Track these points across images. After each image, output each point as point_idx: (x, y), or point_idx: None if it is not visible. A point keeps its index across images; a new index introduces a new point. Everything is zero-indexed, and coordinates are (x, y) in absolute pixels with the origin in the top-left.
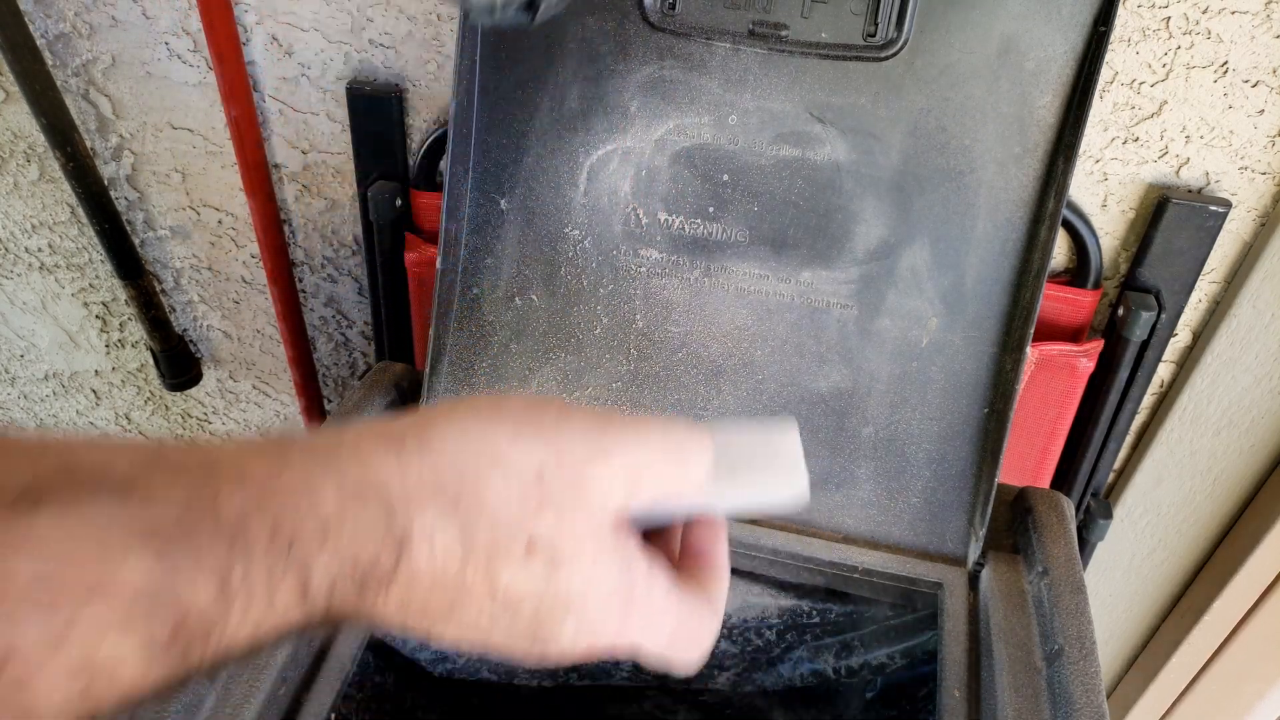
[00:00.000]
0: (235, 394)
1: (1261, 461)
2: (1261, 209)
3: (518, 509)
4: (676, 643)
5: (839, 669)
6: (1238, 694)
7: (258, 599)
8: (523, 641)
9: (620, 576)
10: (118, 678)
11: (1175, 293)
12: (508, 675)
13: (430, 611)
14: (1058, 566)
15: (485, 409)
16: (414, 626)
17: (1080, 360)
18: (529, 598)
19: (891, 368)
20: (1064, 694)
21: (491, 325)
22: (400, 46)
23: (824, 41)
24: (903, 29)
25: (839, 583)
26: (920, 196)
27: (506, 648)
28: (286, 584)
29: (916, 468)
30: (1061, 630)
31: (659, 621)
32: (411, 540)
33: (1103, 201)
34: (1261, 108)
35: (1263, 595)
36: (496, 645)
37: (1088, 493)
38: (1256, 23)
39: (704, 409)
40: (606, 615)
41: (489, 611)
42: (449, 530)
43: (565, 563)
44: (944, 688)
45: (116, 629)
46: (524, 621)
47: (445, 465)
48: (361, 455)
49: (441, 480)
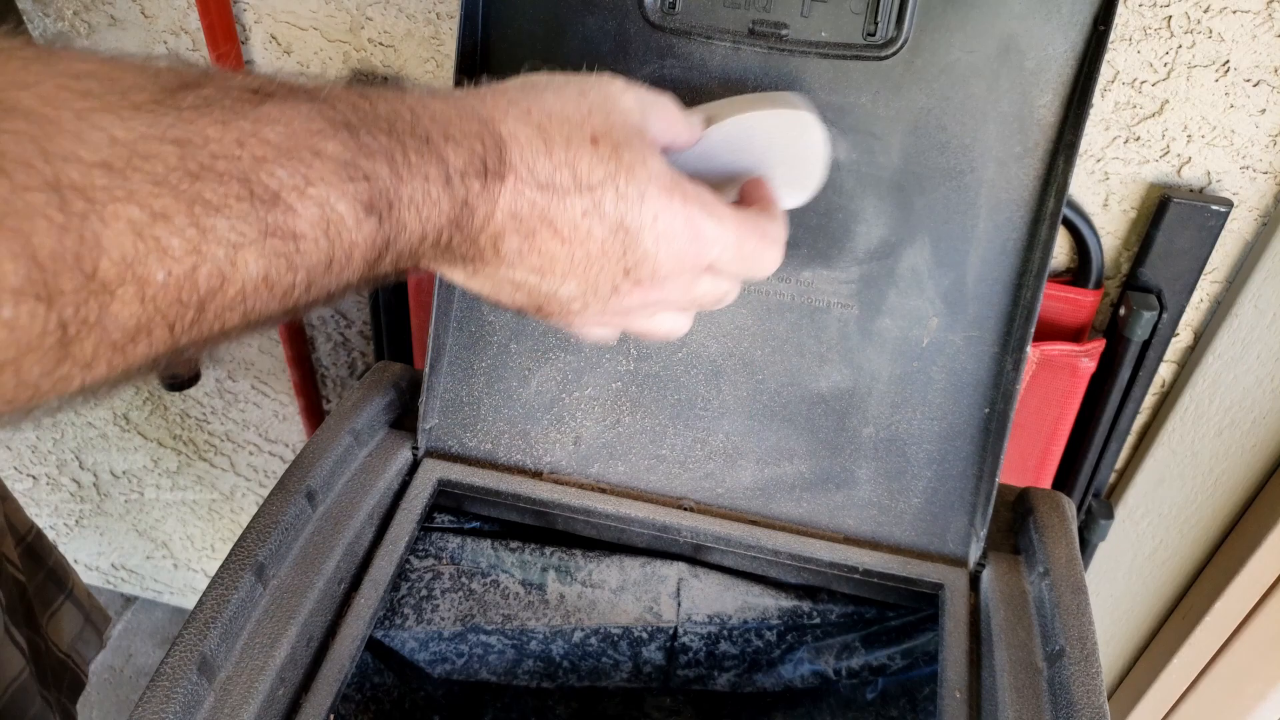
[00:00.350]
0: (234, 394)
1: (1263, 462)
2: (1263, 208)
3: (574, 113)
4: (745, 244)
5: (839, 670)
6: (1240, 694)
7: (417, 179)
8: (615, 254)
9: (668, 169)
10: (342, 235)
11: (1177, 292)
12: (507, 676)
13: (534, 215)
14: (1059, 567)
15: (527, 74)
16: (526, 257)
17: (1082, 360)
18: (607, 185)
19: (892, 367)
20: (1065, 695)
21: (491, 325)
22: (399, 45)
23: (824, 40)
24: (903, 28)
25: (839, 583)
26: (921, 196)
27: (608, 276)
28: (433, 171)
29: (917, 468)
30: (1063, 631)
31: (721, 220)
32: (505, 142)
33: (1104, 201)
34: (1263, 107)
35: (1265, 595)
36: (596, 272)
37: (1089, 493)
38: (1258, 22)
39: (704, 408)
40: (673, 205)
41: (579, 208)
42: (530, 133)
43: (623, 150)
44: (945, 688)
45: (335, 187)
46: (609, 220)
47: (514, 94)
48: (446, 94)
49: (513, 101)
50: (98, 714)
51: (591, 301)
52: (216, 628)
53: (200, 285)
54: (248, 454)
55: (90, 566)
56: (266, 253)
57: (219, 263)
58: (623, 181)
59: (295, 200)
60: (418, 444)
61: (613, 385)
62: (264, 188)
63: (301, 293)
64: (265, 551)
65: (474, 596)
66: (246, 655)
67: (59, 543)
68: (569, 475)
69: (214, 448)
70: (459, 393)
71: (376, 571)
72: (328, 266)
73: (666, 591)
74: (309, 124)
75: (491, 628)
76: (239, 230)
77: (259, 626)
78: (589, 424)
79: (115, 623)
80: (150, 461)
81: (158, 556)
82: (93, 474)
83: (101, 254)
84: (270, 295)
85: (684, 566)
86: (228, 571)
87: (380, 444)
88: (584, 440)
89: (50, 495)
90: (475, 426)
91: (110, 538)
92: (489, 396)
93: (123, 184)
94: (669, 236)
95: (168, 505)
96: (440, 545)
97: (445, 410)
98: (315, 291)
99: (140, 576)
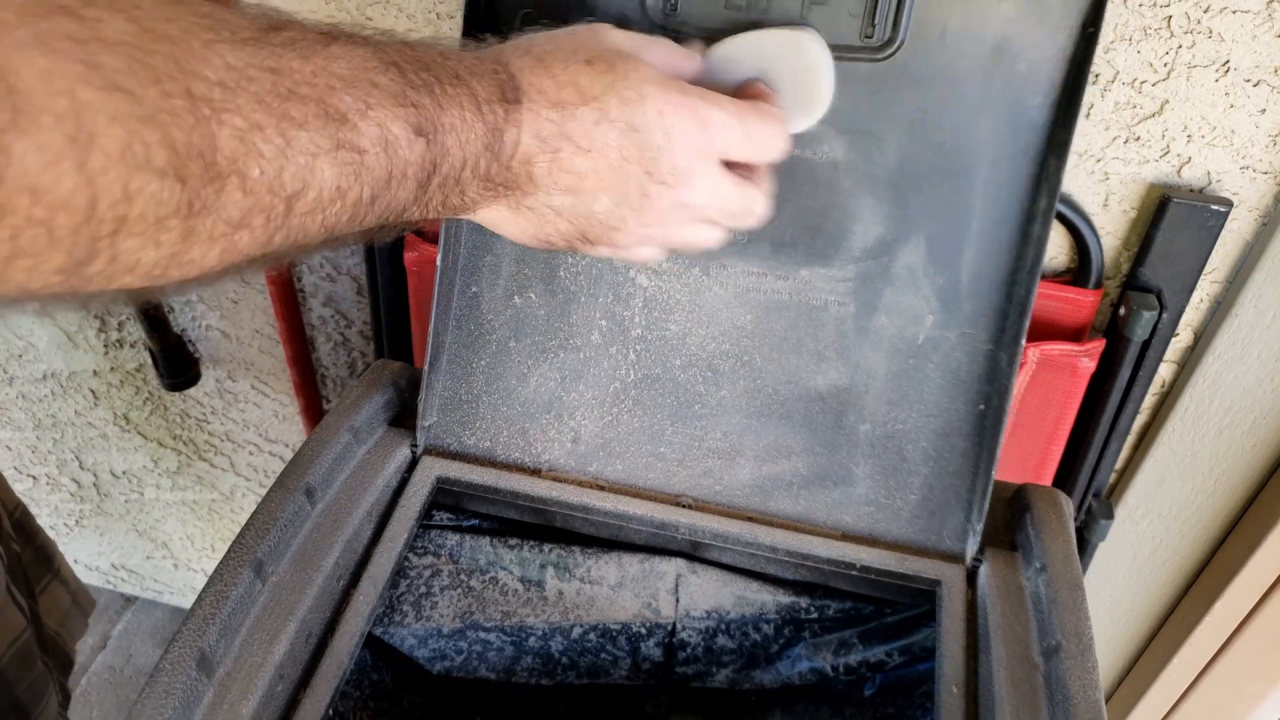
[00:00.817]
0: (234, 394)
1: (1263, 462)
2: (1263, 208)
3: (567, 44)
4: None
5: (837, 666)
6: (1240, 694)
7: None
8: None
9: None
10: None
11: (1177, 292)
12: (506, 672)
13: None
14: (1056, 563)
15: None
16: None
17: (1082, 360)
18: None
19: (888, 365)
20: (1061, 690)
21: (490, 323)
22: None
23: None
24: (899, 30)
25: (837, 580)
26: (916, 195)
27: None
28: (465, 100)
29: (914, 464)
30: (1059, 626)
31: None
32: (515, 75)
33: (1104, 201)
34: (1263, 107)
35: (1265, 595)
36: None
37: (1089, 493)
38: (1258, 22)
39: (702, 406)
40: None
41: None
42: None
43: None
44: (942, 684)
45: (390, 111)
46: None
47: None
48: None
49: (515, 45)
50: (98, 714)
51: (627, 213)
52: (215, 624)
53: (287, 185)
54: (248, 454)
55: (90, 566)
56: (338, 163)
57: (300, 168)
58: (621, 86)
59: (359, 120)
60: (417, 441)
61: (611, 383)
62: (335, 109)
63: (367, 206)
64: (264, 548)
65: (473, 593)
66: (245, 652)
67: (59, 542)
68: (568, 472)
69: (214, 448)
70: (458, 390)
71: (375, 568)
72: (387, 180)
73: (665, 588)
74: (366, 61)
75: (490, 624)
76: (315, 142)
77: (258, 623)
78: (587, 422)
79: (115, 623)
80: (150, 461)
81: (158, 556)
82: (93, 474)
83: (217, 150)
84: (342, 205)
85: (682, 563)
86: (227, 568)
87: (379, 441)
88: (582, 438)
89: (50, 495)
90: (474, 424)
91: (110, 538)
92: (488, 394)
93: (232, 99)
94: (677, 128)
95: (168, 505)
96: (439, 542)
97: (444, 408)
98: (379, 207)
99: (140, 576)
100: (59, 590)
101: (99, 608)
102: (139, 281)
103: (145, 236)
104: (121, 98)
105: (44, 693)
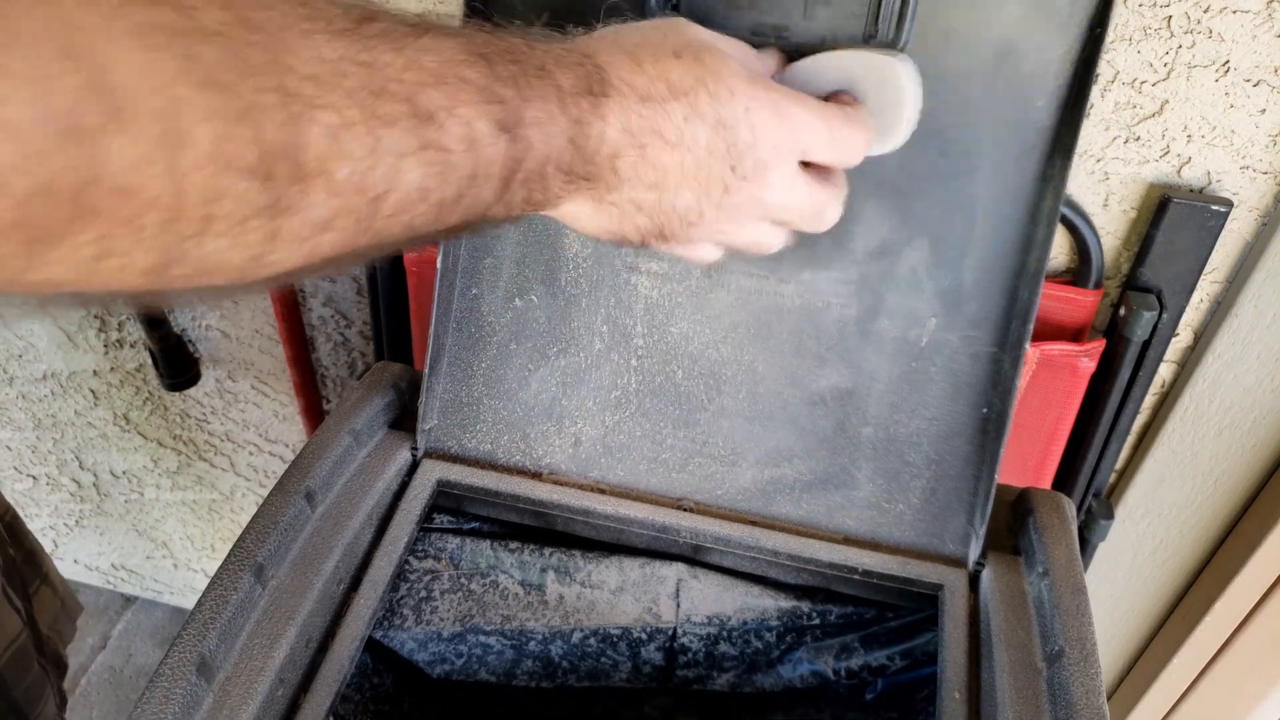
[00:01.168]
0: (234, 394)
1: (1263, 462)
2: (1263, 208)
3: (653, 37)
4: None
5: (839, 670)
6: (1240, 694)
7: (538, 104)
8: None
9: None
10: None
11: (1177, 293)
12: (506, 676)
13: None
14: (1058, 567)
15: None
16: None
17: (1082, 360)
18: (698, 88)
19: (891, 368)
20: (1064, 695)
21: (491, 325)
22: None
23: (825, 43)
24: (903, 31)
25: (839, 584)
26: (920, 197)
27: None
28: (550, 94)
29: (916, 468)
30: (1062, 631)
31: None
32: (602, 68)
33: (1104, 201)
34: (1263, 107)
35: (1265, 595)
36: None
37: (1089, 493)
38: (1258, 22)
39: (703, 409)
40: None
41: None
42: (622, 57)
43: (705, 55)
44: (944, 689)
45: (476, 109)
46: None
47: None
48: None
49: (601, 38)
50: (98, 714)
51: (706, 207)
52: (215, 628)
53: (374, 186)
54: (248, 454)
55: (90, 566)
56: (424, 162)
57: (388, 168)
58: (711, 82)
59: (446, 119)
60: (417, 444)
61: (613, 386)
62: (423, 108)
63: (451, 205)
64: (264, 552)
65: (473, 597)
66: (245, 656)
67: (59, 542)
68: (568, 476)
69: (214, 448)
70: (458, 393)
71: (375, 572)
72: (472, 178)
73: (666, 592)
74: (455, 54)
75: (491, 628)
76: (404, 141)
77: (258, 627)
78: (588, 425)
79: (115, 623)
80: (150, 461)
81: (158, 556)
82: (93, 474)
83: (306, 149)
84: (427, 205)
85: (683, 567)
86: (226, 572)
87: (379, 444)
88: (583, 441)
89: (50, 495)
90: (475, 427)
91: (110, 538)
92: (488, 397)
93: (326, 94)
94: (763, 125)
95: (168, 505)
96: (439, 546)
97: (445, 411)
98: (463, 206)
99: (140, 576)
100: (48, 594)
101: (99, 608)
102: (224, 281)
103: (230, 237)
104: (217, 94)
105: (42, 694)
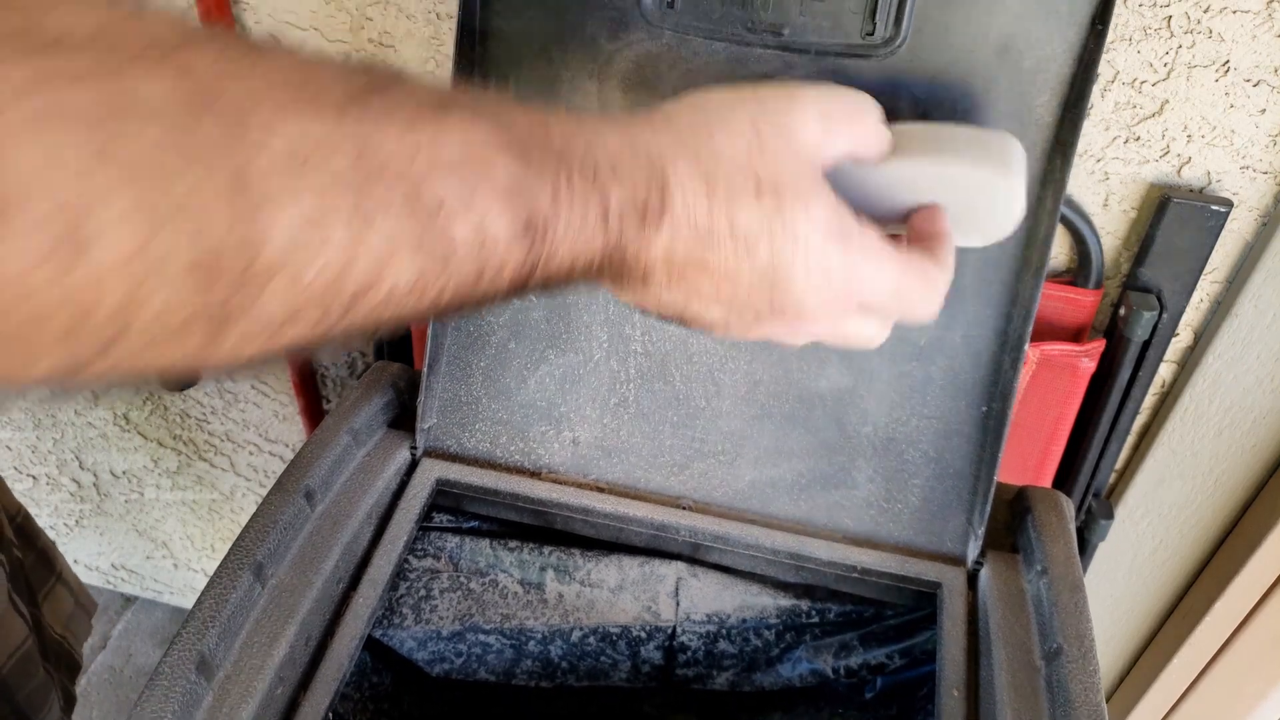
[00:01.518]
0: (234, 394)
1: (1263, 462)
2: (1263, 208)
3: (743, 156)
4: (904, 292)
5: (838, 669)
6: (1240, 694)
7: (576, 211)
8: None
9: (834, 214)
10: (495, 252)
11: (1177, 292)
12: (505, 675)
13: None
14: (1057, 565)
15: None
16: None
17: (1082, 360)
18: (763, 236)
19: (890, 367)
20: (1063, 693)
21: (490, 325)
22: (400, 46)
23: (822, 40)
24: (901, 27)
25: (838, 582)
26: None
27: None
28: (593, 204)
29: (915, 467)
30: (1060, 629)
31: (881, 266)
32: (669, 185)
33: (1104, 201)
34: (1263, 107)
35: (1265, 595)
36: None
37: (1089, 493)
38: (1258, 22)
39: (703, 408)
40: (829, 254)
41: (732, 253)
42: (694, 177)
43: (787, 198)
44: (943, 687)
45: (496, 206)
46: (761, 266)
47: (684, 129)
48: (621, 126)
49: (682, 141)
50: (98, 714)
51: (734, 324)
52: (215, 627)
53: (353, 281)
54: (248, 454)
55: (90, 566)
56: (420, 259)
57: (374, 261)
58: (779, 229)
59: (456, 213)
60: (416, 444)
61: (612, 386)
62: (430, 198)
63: (449, 300)
64: (264, 551)
65: (472, 596)
66: (245, 654)
67: (59, 542)
68: (567, 475)
69: (214, 448)
70: (457, 392)
71: (375, 571)
72: (477, 279)
73: (665, 591)
74: (485, 137)
75: (490, 627)
76: (397, 236)
77: (257, 626)
78: (587, 424)
79: (115, 623)
80: (150, 461)
81: (158, 556)
82: (93, 474)
83: (263, 244)
84: (419, 299)
85: (682, 566)
86: (226, 571)
87: (379, 444)
88: (582, 440)
89: (50, 495)
90: (474, 426)
91: (110, 538)
92: (487, 396)
93: (298, 179)
94: (822, 285)
95: (168, 505)
96: (439, 545)
97: (444, 410)
98: (462, 300)
99: (140, 576)
100: (62, 593)
101: (99, 608)
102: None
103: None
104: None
105: (46, 700)
